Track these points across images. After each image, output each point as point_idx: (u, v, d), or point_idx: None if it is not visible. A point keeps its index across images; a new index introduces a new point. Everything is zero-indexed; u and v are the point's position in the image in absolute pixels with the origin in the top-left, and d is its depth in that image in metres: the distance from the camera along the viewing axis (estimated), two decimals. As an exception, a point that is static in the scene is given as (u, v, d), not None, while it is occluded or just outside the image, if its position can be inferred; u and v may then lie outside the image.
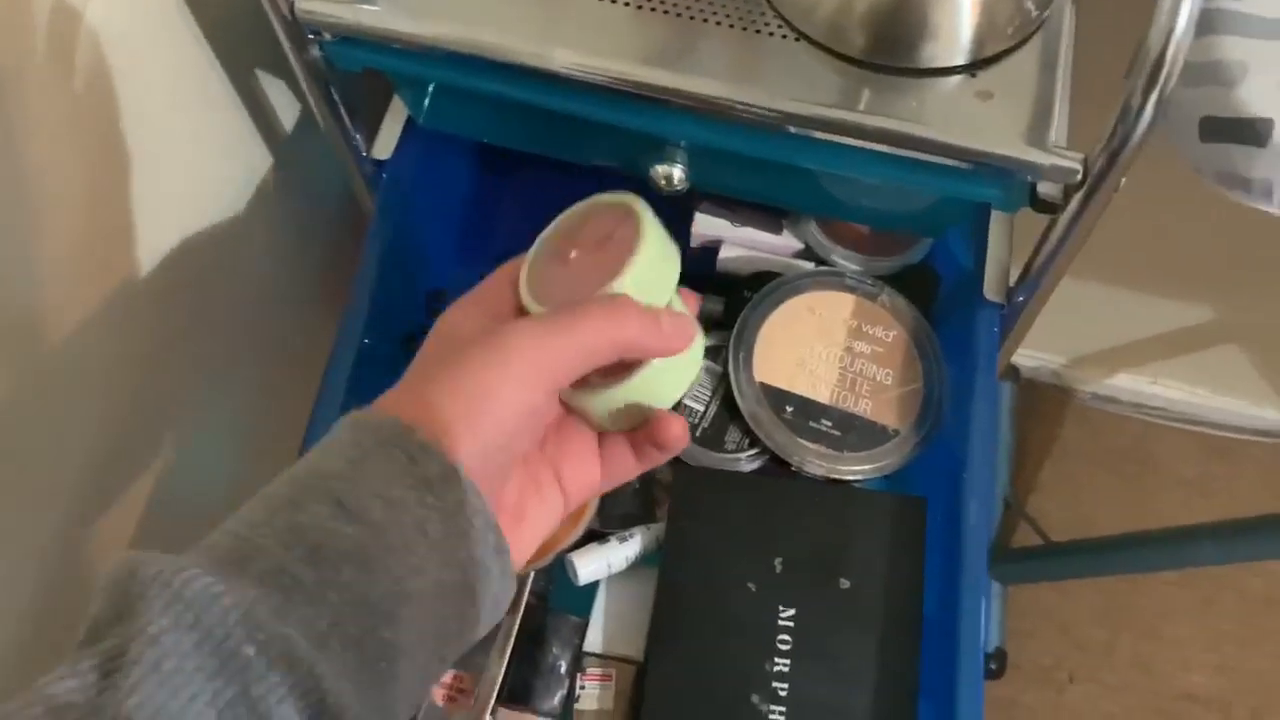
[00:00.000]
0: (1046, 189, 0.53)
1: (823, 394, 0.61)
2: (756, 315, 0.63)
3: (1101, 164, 0.49)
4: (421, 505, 0.30)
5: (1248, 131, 0.49)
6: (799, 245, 0.68)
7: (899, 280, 0.67)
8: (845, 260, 0.67)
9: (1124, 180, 0.50)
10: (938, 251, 0.68)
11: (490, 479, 0.33)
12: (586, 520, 0.60)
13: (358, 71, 0.56)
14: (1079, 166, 0.50)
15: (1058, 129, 0.51)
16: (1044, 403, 1.39)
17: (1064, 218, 0.53)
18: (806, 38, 0.53)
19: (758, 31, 0.54)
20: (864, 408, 0.61)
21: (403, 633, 0.30)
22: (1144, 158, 0.49)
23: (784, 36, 0.54)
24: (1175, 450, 1.37)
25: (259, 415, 0.76)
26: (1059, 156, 0.50)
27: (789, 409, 0.61)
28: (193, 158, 0.61)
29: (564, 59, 0.53)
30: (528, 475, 0.38)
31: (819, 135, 0.53)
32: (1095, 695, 1.26)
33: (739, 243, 0.68)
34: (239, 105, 0.64)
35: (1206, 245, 1.06)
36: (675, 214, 0.69)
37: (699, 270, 0.69)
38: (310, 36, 0.54)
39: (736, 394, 0.61)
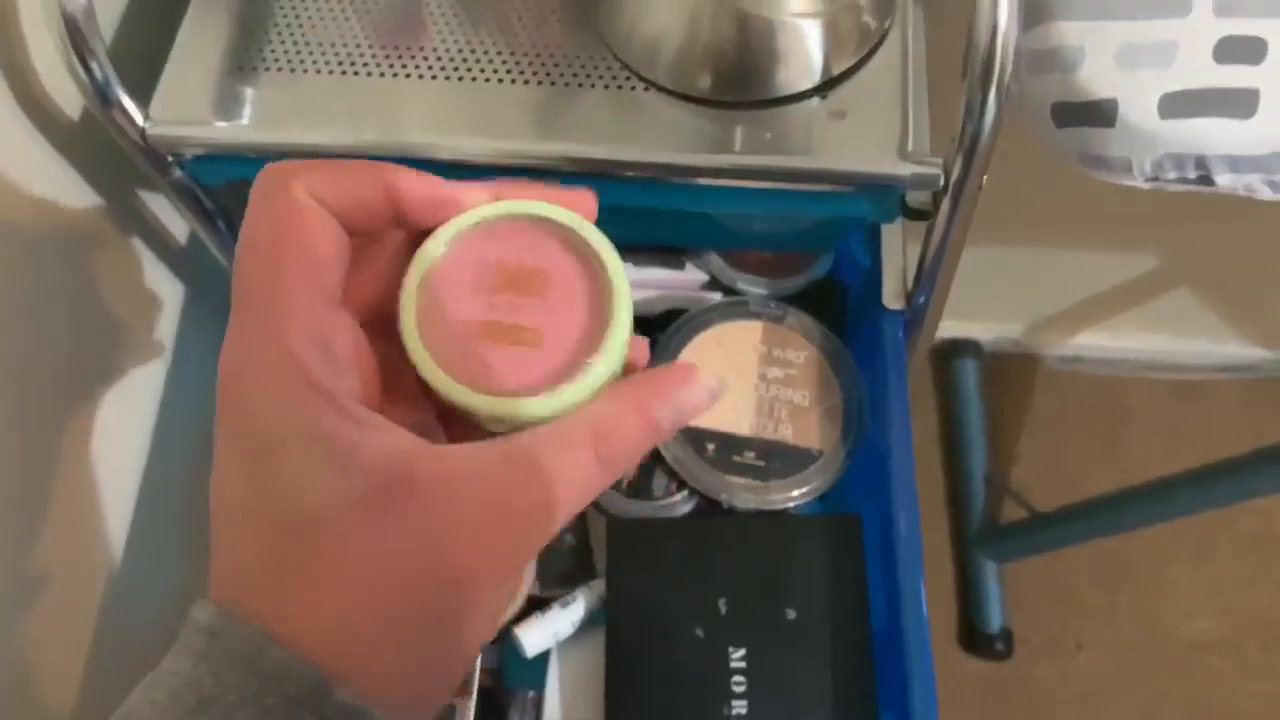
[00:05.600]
0: (915, 197, 0.53)
1: (743, 426, 0.61)
2: (665, 356, 0.63)
3: (959, 167, 0.49)
4: None
5: (1096, 113, 0.49)
6: (704, 277, 0.68)
7: (807, 297, 0.67)
8: (751, 286, 0.67)
9: (985, 179, 0.50)
10: (843, 262, 0.68)
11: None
12: (524, 588, 0.59)
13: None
14: (939, 172, 0.50)
15: (915, 136, 0.52)
16: (1010, 373, 1.39)
17: (939, 222, 0.53)
18: (655, 85, 0.53)
19: (605, 87, 0.54)
20: (785, 433, 0.61)
21: None
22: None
23: (634, 88, 0.54)
24: (1146, 399, 1.37)
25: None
26: (917, 165, 0.50)
27: (710, 446, 0.61)
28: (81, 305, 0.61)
29: (458, 147, 0.53)
30: None
31: (682, 181, 0.53)
32: (1106, 658, 1.26)
33: (644, 284, 0.68)
34: (119, 225, 0.64)
35: (1136, 193, 1.06)
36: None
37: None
38: (170, 159, 0.55)
39: (656, 440, 0.60)
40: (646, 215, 0.58)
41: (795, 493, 0.60)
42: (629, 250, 0.68)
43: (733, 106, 0.53)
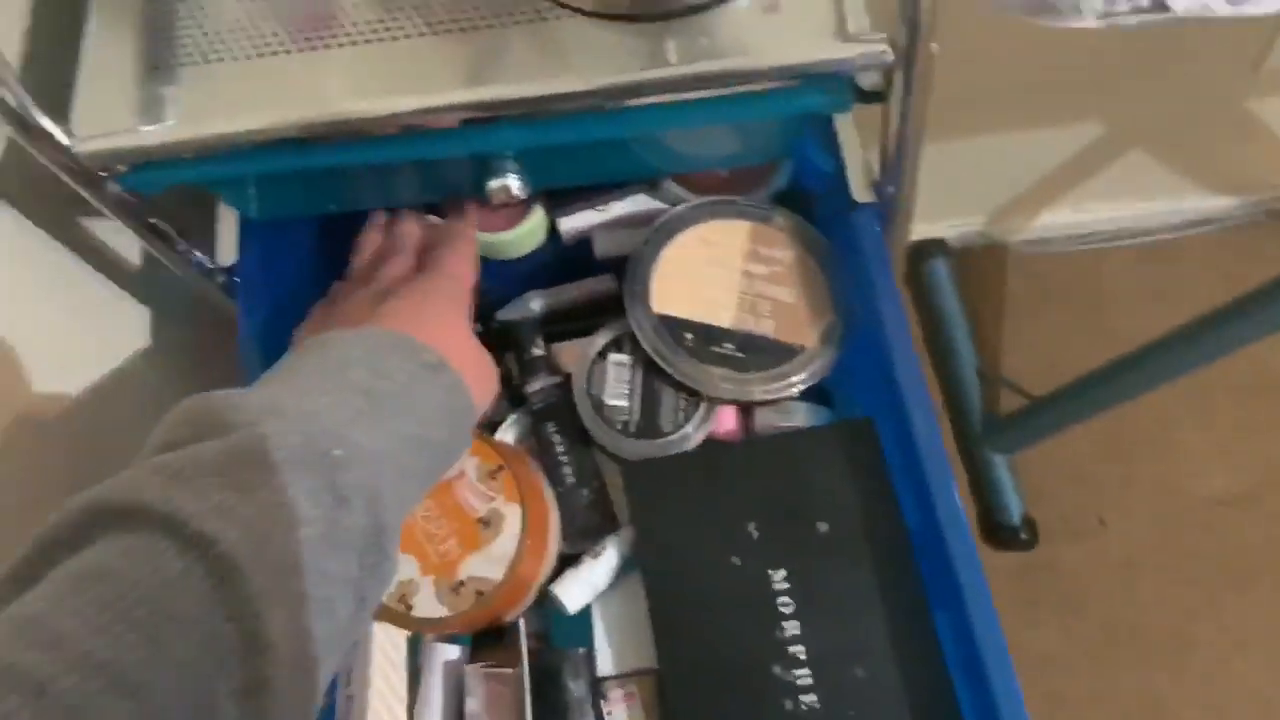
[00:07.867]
0: (867, 79, 0.52)
1: (723, 318, 0.61)
2: (651, 250, 0.62)
3: (905, 36, 0.48)
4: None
5: (1035, -45, 0.48)
6: (666, 207, 0.67)
7: (776, 209, 0.66)
8: (714, 209, 0.66)
9: (935, 46, 0.49)
10: (803, 170, 0.67)
11: None
12: (552, 548, 0.58)
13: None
14: (885, 47, 0.49)
15: (855, 16, 0.50)
16: (981, 266, 1.38)
17: (895, 99, 0.52)
18: (577, 10, 0.52)
19: (530, 22, 0.52)
20: (766, 327, 0.61)
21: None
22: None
23: (557, 18, 0.52)
24: (1117, 269, 1.36)
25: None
26: (861, 44, 0.49)
27: (689, 336, 0.60)
28: (38, 331, 0.59)
29: (389, 108, 0.51)
30: None
31: (635, 103, 0.52)
32: (1130, 529, 1.25)
33: (610, 225, 0.67)
34: (70, 257, 0.62)
35: (1073, 64, 1.05)
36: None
37: (582, 260, 0.68)
38: (103, 175, 0.52)
39: (635, 329, 0.60)
40: (594, 151, 0.57)
41: (776, 384, 0.59)
42: (589, 195, 0.67)
43: (661, 18, 0.51)
